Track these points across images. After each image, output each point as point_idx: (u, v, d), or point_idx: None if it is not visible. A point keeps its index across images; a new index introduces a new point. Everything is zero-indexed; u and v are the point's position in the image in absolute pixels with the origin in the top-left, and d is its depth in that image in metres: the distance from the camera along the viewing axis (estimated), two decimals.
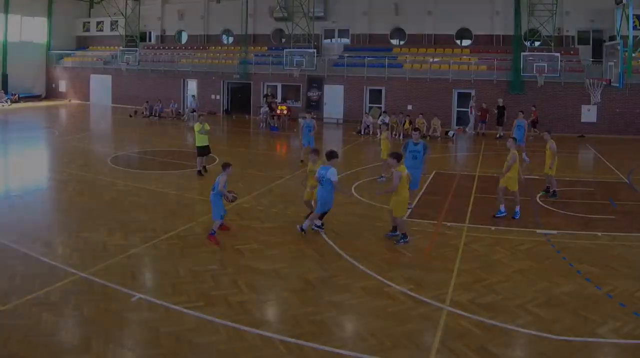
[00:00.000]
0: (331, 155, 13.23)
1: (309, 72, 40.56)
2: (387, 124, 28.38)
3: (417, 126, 28.75)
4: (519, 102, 33.44)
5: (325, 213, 13.37)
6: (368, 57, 39.99)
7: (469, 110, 35.83)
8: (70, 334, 8.18)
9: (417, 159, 15.39)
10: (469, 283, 10.40)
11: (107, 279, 10.16)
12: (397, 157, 12.77)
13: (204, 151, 20.03)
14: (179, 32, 52.50)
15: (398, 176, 12.35)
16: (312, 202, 13.77)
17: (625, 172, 21.64)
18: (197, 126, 20.04)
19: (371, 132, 33.59)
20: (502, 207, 15.03)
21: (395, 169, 12.50)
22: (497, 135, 32.91)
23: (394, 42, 43.81)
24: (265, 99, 39.11)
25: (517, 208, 14.95)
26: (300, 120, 22.51)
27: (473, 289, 10.12)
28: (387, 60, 38.95)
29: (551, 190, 17.39)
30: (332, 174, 12.72)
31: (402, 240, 12.75)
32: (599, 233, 13.64)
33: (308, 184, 14.00)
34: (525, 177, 20.05)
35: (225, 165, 12.88)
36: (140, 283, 10.24)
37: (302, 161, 21.52)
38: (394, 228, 13.16)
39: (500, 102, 33.25)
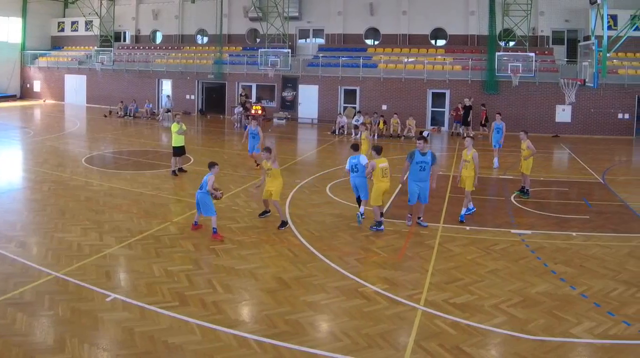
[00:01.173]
0: (356, 147, 14.92)
1: (284, 72, 40.54)
2: (365, 125, 28.40)
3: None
4: (494, 102, 33.69)
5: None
6: (343, 57, 40.06)
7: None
8: (44, 334, 8.07)
9: (425, 171, 13.91)
10: (443, 283, 10.45)
11: (82, 279, 10.07)
12: (378, 150, 14.02)
13: (180, 151, 20.02)
14: (154, 32, 52.10)
15: (372, 165, 13.60)
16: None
17: (600, 172, 21.93)
18: (174, 126, 19.92)
19: (345, 132, 33.69)
20: (470, 204, 15.17)
21: (373, 160, 13.75)
22: (457, 132, 33.49)
23: (369, 42, 43.92)
24: (239, 98, 38.97)
25: (464, 211, 14.92)
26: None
27: (448, 289, 10.17)
28: (361, 60, 39.03)
29: (525, 188, 17.50)
30: (363, 158, 14.22)
31: (375, 227, 13.65)
32: (574, 233, 13.78)
33: (266, 181, 14.02)
34: (500, 177, 20.33)
35: (212, 165, 13.43)
36: (115, 283, 10.13)
37: (257, 164, 20.97)
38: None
39: (467, 101, 33.36)
